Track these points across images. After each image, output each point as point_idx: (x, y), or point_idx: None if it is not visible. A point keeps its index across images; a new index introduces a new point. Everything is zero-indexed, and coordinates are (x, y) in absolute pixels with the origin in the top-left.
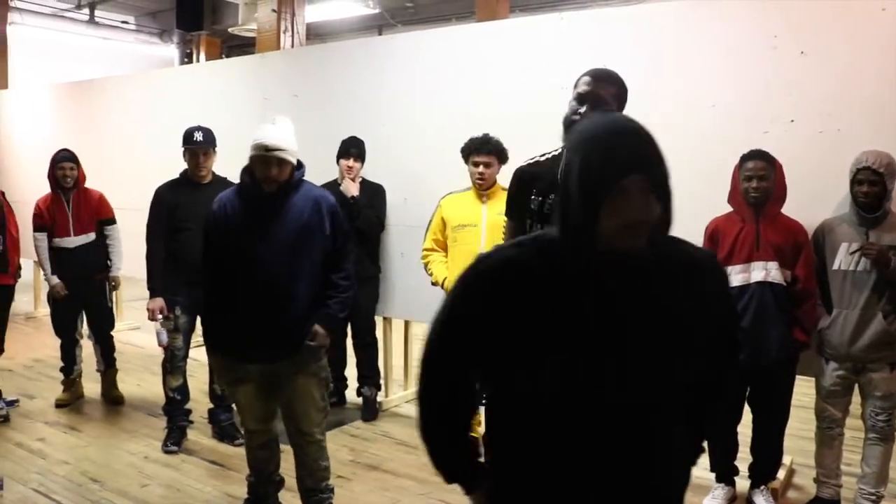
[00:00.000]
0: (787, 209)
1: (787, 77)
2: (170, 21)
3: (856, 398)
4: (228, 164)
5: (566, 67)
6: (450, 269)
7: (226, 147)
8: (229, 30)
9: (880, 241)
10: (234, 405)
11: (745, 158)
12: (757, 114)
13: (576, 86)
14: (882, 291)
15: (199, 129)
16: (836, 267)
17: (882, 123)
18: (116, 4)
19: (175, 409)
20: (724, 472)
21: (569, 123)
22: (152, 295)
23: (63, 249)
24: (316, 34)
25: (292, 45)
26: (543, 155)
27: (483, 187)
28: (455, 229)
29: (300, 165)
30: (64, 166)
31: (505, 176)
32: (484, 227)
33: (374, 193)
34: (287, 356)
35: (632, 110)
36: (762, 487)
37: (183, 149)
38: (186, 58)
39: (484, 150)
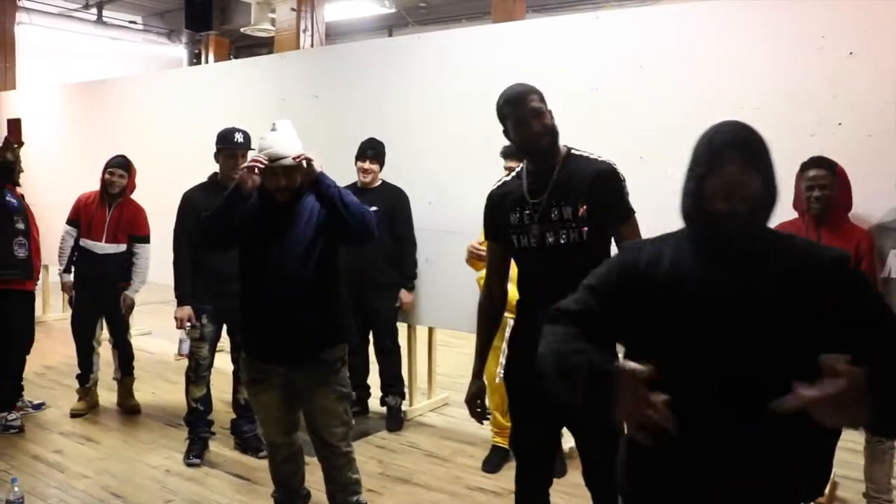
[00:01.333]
0: None
1: (835, 78)
2: (178, 21)
3: None
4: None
5: (599, 67)
6: None
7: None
8: (242, 29)
9: None
10: (256, 414)
11: (806, 167)
12: (803, 117)
13: (505, 118)
14: None
15: (237, 130)
16: (884, 275)
17: None
18: (124, 4)
19: (198, 419)
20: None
21: (525, 147)
22: (180, 303)
23: (90, 252)
24: (327, 34)
25: (311, 45)
26: (509, 174)
27: None
28: None
29: None
30: (113, 172)
31: None
32: None
33: (394, 197)
34: (304, 360)
35: (676, 111)
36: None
37: (217, 149)
38: (195, 58)
39: (515, 156)
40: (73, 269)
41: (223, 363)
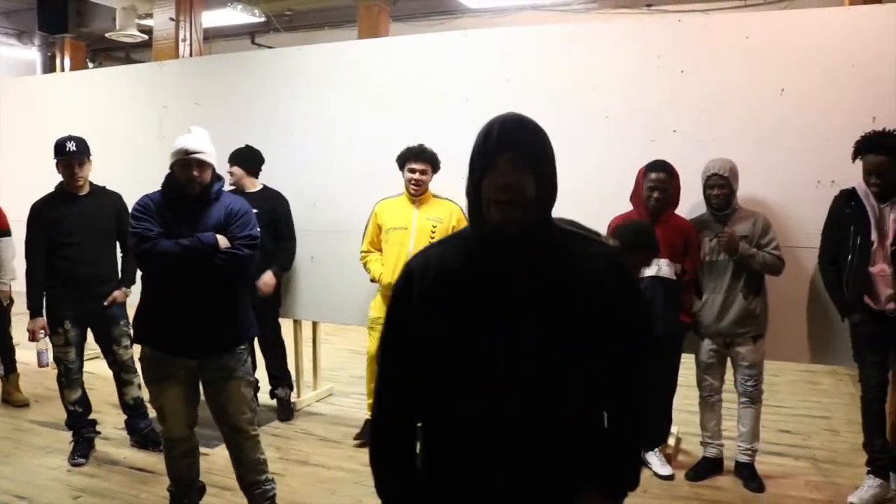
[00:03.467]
0: None
1: (670, 92)
2: (29, 22)
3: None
4: (128, 171)
5: (471, 81)
6: (384, 265)
7: (123, 154)
8: (107, 34)
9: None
10: (158, 410)
11: (650, 168)
12: (645, 124)
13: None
14: (740, 276)
15: (70, 138)
16: (700, 258)
17: (749, 133)
18: None
19: (78, 421)
20: (653, 438)
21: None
22: (33, 315)
23: None
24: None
25: (191, 54)
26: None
27: (417, 193)
28: (387, 231)
29: (219, 177)
30: None
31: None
32: (413, 229)
33: (275, 201)
34: (213, 353)
35: (537, 118)
36: (656, 450)
37: (56, 160)
38: (50, 62)
39: (420, 159)
40: None
41: (96, 367)
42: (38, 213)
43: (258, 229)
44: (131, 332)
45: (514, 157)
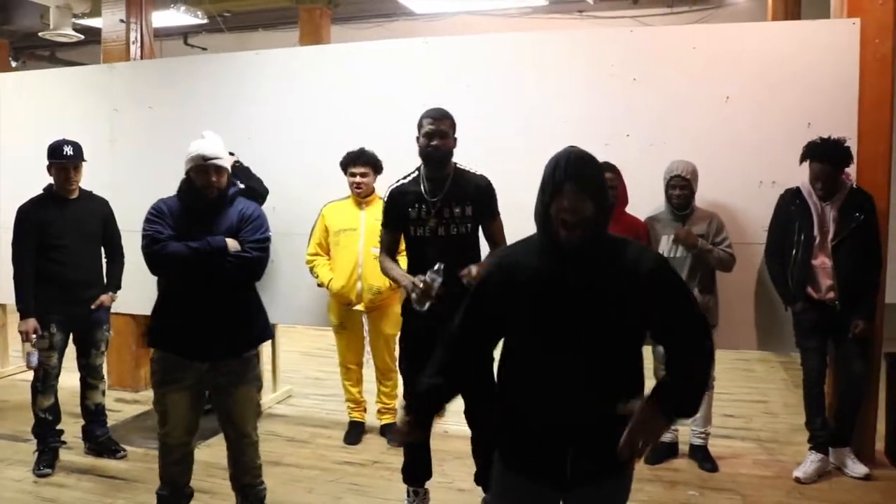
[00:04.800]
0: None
1: (623, 99)
2: None
3: None
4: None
5: (430, 88)
6: (333, 270)
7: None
8: (39, 34)
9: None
10: (160, 414)
11: None
12: (600, 128)
13: (421, 126)
14: (696, 273)
15: (67, 142)
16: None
17: (698, 137)
18: None
19: (47, 430)
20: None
21: (426, 155)
22: (23, 316)
23: None
24: None
25: (141, 56)
26: (406, 177)
27: (361, 195)
28: (336, 234)
29: (233, 182)
30: None
31: (381, 185)
32: (363, 230)
33: None
34: (225, 357)
35: (499, 126)
36: None
37: (49, 163)
38: None
39: (360, 162)
40: None
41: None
42: (27, 215)
43: (270, 233)
44: (110, 336)
45: (577, 186)
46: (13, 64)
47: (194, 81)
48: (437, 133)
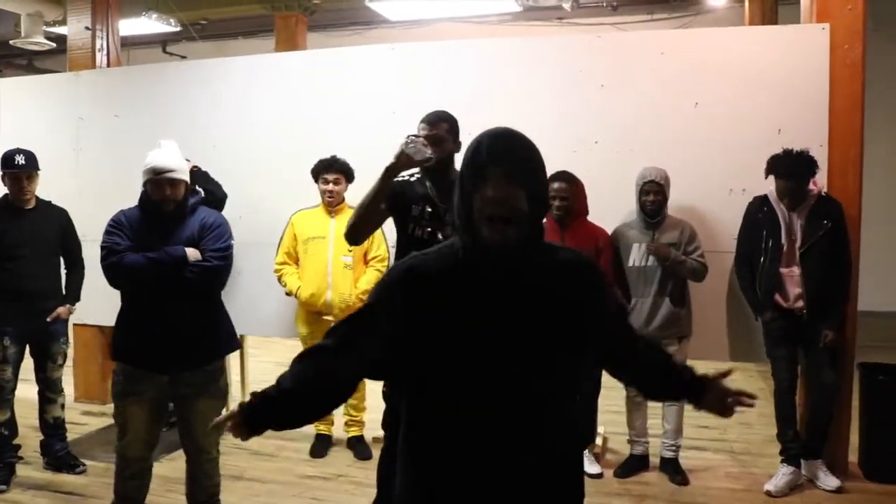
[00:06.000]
0: (595, 216)
1: (591, 106)
2: None
3: None
4: (43, 185)
5: (398, 94)
6: (302, 278)
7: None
8: (10, 42)
9: (661, 240)
10: (120, 427)
11: (551, 179)
12: (567, 136)
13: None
14: (667, 282)
15: (19, 151)
16: (630, 264)
17: (667, 144)
18: None
19: (2, 445)
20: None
21: (423, 164)
22: None
23: None
24: None
25: (108, 64)
26: (412, 175)
27: (332, 203)
28: (305, 242)
29: (194, 191)
30: None
31: (351, 195)
32: (332, 238)
33: None
34: (186, 368)
35: (465, 129)
36: (585, 451)
37: (2, 173)
38: None
39: (333, 169)
40: None
41: (21, 391)
42: None
43: (232, 241)
44: (68, 349)
45: (506, 171)
46: None
47: (161, 89)
48: (429, 139)
